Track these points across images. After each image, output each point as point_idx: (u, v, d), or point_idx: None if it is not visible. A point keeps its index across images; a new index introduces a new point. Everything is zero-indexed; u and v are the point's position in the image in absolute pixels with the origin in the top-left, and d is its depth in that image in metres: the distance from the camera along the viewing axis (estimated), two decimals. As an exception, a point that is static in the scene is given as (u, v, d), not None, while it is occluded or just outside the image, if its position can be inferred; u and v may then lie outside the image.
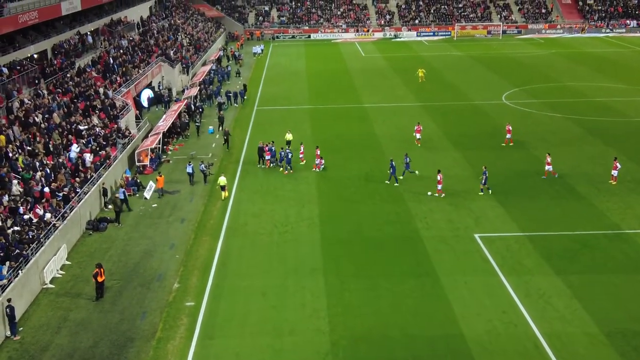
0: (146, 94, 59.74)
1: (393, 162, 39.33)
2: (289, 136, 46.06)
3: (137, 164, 43.04)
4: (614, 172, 37.96)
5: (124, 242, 32.43)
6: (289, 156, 41.38)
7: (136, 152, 43.59)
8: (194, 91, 60.31)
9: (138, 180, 39.66)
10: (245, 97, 61.71)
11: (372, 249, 30.99)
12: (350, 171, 41.75)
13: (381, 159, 43.87)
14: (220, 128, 51.61)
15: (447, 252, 30.57)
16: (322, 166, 42.04)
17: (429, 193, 37.34)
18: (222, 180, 38.15)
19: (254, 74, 77.71)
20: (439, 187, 36.98)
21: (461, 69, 75.38)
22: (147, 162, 43.15)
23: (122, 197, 36.05)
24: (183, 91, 65.21)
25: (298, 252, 30.92)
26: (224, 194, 38.18)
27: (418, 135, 46.40)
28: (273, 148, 42.83)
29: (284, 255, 30.59)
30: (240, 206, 36.67)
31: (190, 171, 40.29)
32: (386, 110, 57.81)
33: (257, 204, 36.90)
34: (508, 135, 46.08)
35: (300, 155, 43.16)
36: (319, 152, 42.43)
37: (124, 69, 56.37)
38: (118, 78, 53.45)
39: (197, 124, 51.59)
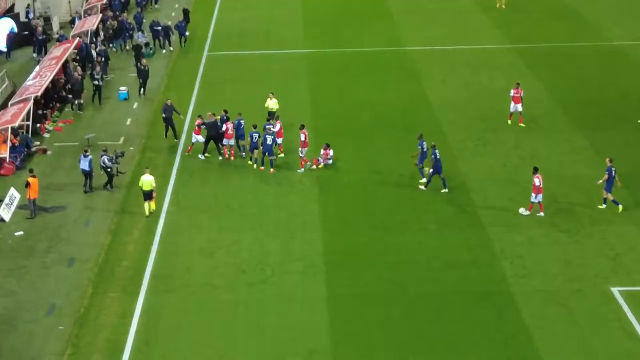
0: (4, 28, 59.66)
1: (436, 152, 39.69)
2: (271, 104, 46.43)
3: (-14, 156, 43.10)
4: None
5: (-38, 302, 32.42)
6: (269, 141, 41.54)
7: (-15, 134, 43.62)
8: (93, 22, 60.36)
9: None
10: (186, 34, 61.96)
11: (424, 316, 30.84)
12: (381, 170, 41.80)
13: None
14: (142, 90, 51.74)
15: (561, 320, 30.44)
16: (329, 160, 42.11)
17: (522, 210, 37.57)
18: (147, 180, 38.28)
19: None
20: (535, 198, 37.19)
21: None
22: (4, 153, 43.18)
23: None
24: (72, 22, 65.34)
25: (286, 321, 30.75)
26: (148, 206, 38.34)
27: (518, 107, 46.42)
28: (242, 122, 43.07)
29: (260, 328, 30.41)
30: (178, 235, 36.57)
31: (87, 168, 40.39)
32: (449, 57, 57.70)
33: (208, 230, 36.84)
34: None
35: (279, 141, 43.31)
36: (321, 145, 42.42)
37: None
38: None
39: (96, 82, 51.67)
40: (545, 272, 33.24)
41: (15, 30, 59.69)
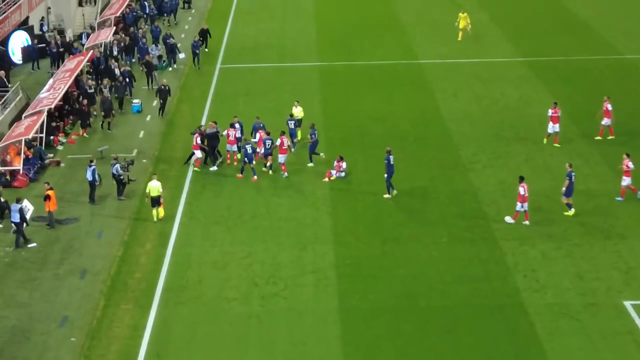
0: (18, 41, 59.83)
1: (390, 157, 40.16)
2: (296, 111, 46.87)
3: (0, 168, 43.19)
4: None
5: (-25, 314, 32.49)
6: (249, 150, 42.00)
7: (-1, 146, 43.77)
8: (108, 35, 60.47)
9: (2, 199, 39.64)
10: (198, 53, 60.16)
11: (435, 330, 30.75)
12: (394, 182, 41.46)
13: (450, 161, 43.80)
14: (162, 112, 51.08)
15: (574, 334, 30.34)
16: (342, 172, 42.09)
17: (507, 219, 37.90)
18: (154, 187, 38.50)
19: (217, 1, 78.03)
20: (521, 207, 37.48)
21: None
22: (18, 165, 43.24)
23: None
24: (79, 36, 65.41)
25: (297, 333, 30.76)
26: (157, 212, 38.48)
27: (556, 127, 45.72)
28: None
29: (272, 341, 30.39)
30: (190, 247, 36.61)
31: (91, 178, 40.47)
32: (460, 70, 57.66)
33: (221, 243, 36.86)
34: (605, 121, 46.21)
35: (258, 150, 43.08)
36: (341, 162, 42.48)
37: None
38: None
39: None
40: (558, 286, 33.13)
41: (29, 42, 59.80)
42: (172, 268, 35.04)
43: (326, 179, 41.96)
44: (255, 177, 42.32)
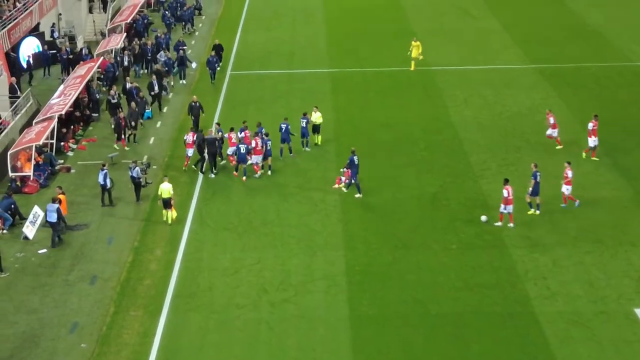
0: (29, 47, 59.99)
1: (354, 157, 41.06)
2: (314, 117, 46.93)
3: (10, 174, 43.26)
4: None
5: (-15, 319, 32.60)
6: (242, 150, 42.69)
7: (9, 152, 43.83)
8: (118, 41, 60.61)
9: (12, 206, 39.77)
10: (216, 69, 58.96)
11: (446, 337, 30.73)
12: (403, 190, 41.79)
13: (462, 168, 43.75)
14: (195, 125, 49.20)
15: (585, 342, 30.28)
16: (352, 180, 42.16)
17: (484, 218, 38.40)
18: (165, 189, 38.82)
19: (228, 9, 78.19)
20: (505, 209, 37.74)
21: (608, 0, 75.43)
22: (29, 171, 43.37)
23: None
24: (80, 55, 65.43)
25: (308, 340, 30.75)
26: (168, 214, 38.84)
27: (596, 140, 45.45)
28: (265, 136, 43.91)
29: (282, 348, 30.40)
30: (200, 253, 36.66)
31: (103, 182, 40.68)
32: (471, 76, 57.65)
33: (231, 249, 36.93)
34: (551, 131, 46.31)
35: (229, 150, 44.13)
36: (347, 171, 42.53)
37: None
38: (-23, 17, 54.05)
39: (114, 101, 51.29)
40: (569, 294, 33.07)
41: (40, 49, 59.98)
42: (182, 274, 35.09)
43: (336, 186, 41.97)
44: (244, 177, 43.15)
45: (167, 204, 38.87)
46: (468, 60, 61.29)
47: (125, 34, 63.72)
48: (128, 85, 52.96)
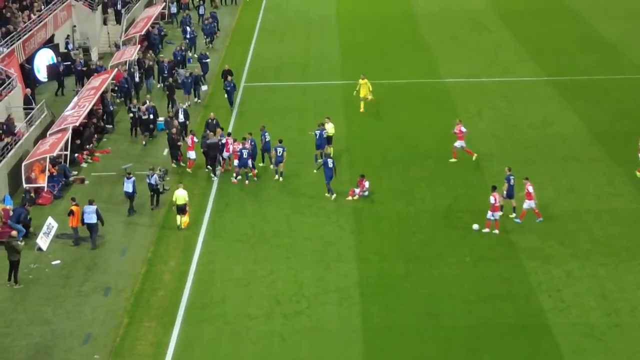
0: (44, 59, 60.20)
1: (327, 160, 42.58)
2: (327, 127, 47.11)
3: (24, 185, 43.42)
4: None
5: (-1, 330, 32.70)
6: (245, 155, 43.60)
7: (24, 163, 44.02)
8: (132, 53, 60.73)
9: (28, 217, 39.90)
10: (232, 97, 56.48)
11: (459, 349, 30.73)
12: (416, 202, 41.82)
13: (474, 180, 43.75)
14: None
15: (598, 355, 30.28)
16: (365, 192, 42.16)
17: (475, 227, 38.78)
18: (180, 195, 39.23)
19: (241, 20, 78.29)
20: (492, 215, 38.10)
21: (622, 13, 75.24)
22: (43, 182, 43.51)
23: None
24: (85, 75, 65.47)
25: (321, 352, 30.81)
26: (182, 219, 39.14)
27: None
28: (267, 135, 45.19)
29: (294, 359, 30.50)
30: (213, 264, 36.75)
31: (130, 190, 41.16)
32: (484, 89, 57.57)
33: (244, 260, 36.98)
34: (458, 144, 46.12)
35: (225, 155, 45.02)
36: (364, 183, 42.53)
37: (3, 11, 57.01)
38: (-7, 29, 54.32)
39: (132, 115, 51.12)
40: (583, 306, 33.03)
41: (55, 61, 60.23)
42: (195, 285, 35.17)
43: (349, 197, 42.00)
44: (247, 181, 44.15)
45: (182, 210, 39.47)
46: (481, 72, 61.19)
47: (139, 46, 63.81)
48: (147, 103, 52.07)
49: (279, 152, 44.11)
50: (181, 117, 49.91)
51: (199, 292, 34.64)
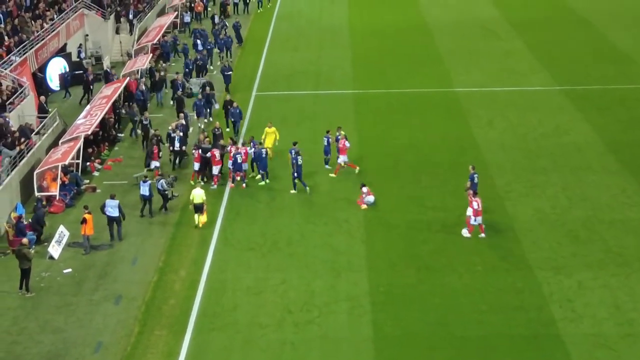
0: (56, 68, 60.53)
1: (298, 158, 43.33)
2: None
3: (37, 194, 43.53)
4: None
5: (10, 338, 32.57)
6: (239, 160, 44.59)
7: (36, 172, 44.14)
8: (144, 62, 60.93)
9: (42, 225, 40.02)
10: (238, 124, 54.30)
11: (471, 359, 30.73)
12: (427, 211, 41.86)
13: (485, 190, 43.60)
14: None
15: (612, 366, 30.25)
16: (371, 196, 42.25)
17: (464, 232, 38.98)
18: (198, 194, 39.90)
19: (253, 30, 78.51)
20: (475, 220, 38.48)
21: (635, 22, 75.30)
22: (54, 191, 43.66)
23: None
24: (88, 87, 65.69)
25: (331, 361, 30.84)
26: (200, 218, 39.73)
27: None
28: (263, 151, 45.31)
29: (305, 368, 30.52)
30: (225, 273, 36.81)
31: (147, 193, 41.76)
32: (496, 98, 57.59)
33: (255, 269, 37.04)
34: (341, 158, 45.74)
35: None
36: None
37: (15, 21, 57.30)
38: (5, 38, 54.50)
39: (145, 122, 51.28)
40: (595, 316, 32.95)
41: (67, 69, 60.49)
42: (206, 294, 35.24)
43: (364, 206, 42.03)
44: (244, 184, 45.01)
45: (199, 209, 40.16)
46: (493, 81, 61.23)
47: (151, 55, 64.00)
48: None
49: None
50: (177, 144, 48.09)
51: (210, 301, 34.70)
